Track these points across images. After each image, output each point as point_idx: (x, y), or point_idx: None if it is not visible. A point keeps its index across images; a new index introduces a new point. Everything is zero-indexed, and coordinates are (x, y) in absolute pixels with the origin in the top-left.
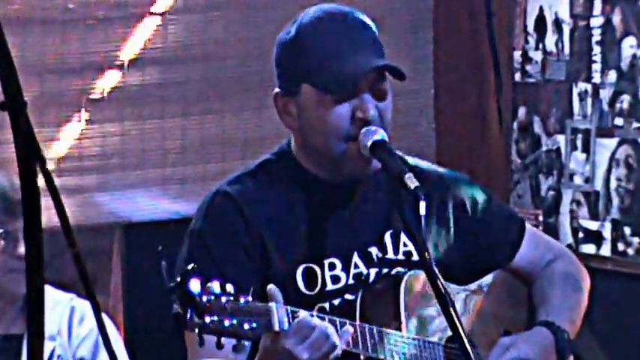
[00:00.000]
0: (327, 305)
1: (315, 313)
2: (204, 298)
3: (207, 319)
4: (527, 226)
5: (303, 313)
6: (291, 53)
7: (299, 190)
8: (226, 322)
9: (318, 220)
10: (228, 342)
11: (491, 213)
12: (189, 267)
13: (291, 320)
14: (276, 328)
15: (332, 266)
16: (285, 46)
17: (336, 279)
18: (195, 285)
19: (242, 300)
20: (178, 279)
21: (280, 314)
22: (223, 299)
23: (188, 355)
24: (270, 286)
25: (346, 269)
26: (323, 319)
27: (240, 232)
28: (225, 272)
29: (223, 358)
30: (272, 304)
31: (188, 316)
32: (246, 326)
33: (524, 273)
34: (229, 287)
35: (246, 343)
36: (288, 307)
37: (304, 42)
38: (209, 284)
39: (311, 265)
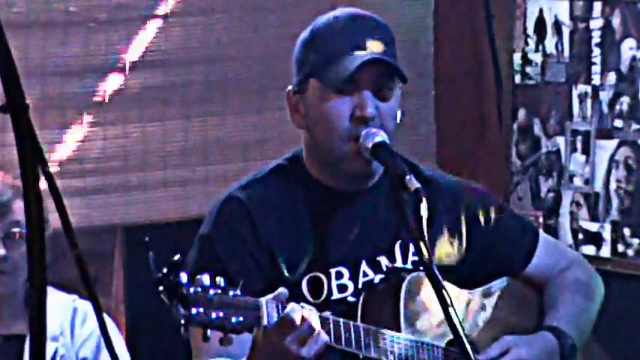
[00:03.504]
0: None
1: (304, 305)
2: (192, 290)
3: (194, 311)
4: (541, 233)
5: (290, 307)
6: (304, 51)
7: (308, 198)
8: (213, 315)
9: (326, 229)
10: (215, 335)
11: (504, 222)
12: (176, 258)
13: (280, 315)
14: (265, 322)
15: (339, 275)
16: (301, 44)
17: (342, 287)
18: (182, 277)
19: (230, 293)
20: (165, 270)
21: (270, 309)
22: (211, 292)
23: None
24: (281, 289)
25: (354, 278)
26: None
27: (249, 239)
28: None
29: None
30: (262, 299)
31: (174, 307)
32: (233, 319)
33: (537, 281)
34: (219, 280)
35: (234, 336)
36: (278, 302)
37: (317, 39)
38: (198, 277)
39: (317, 273)
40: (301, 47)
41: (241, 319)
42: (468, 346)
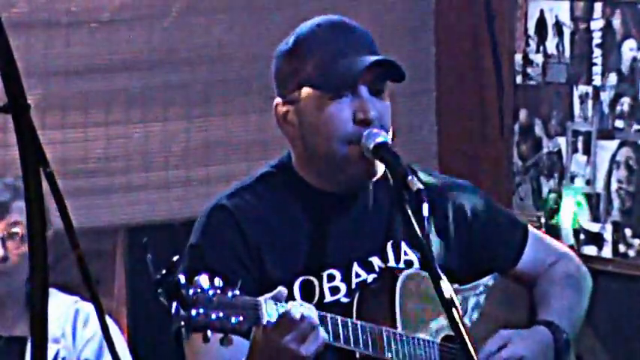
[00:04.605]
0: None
1: (302, 303)
2: (191, 291)
3: (194, 312)
4: (531, 229)
5: (289, 305)
6: (290, 61)
7: (298, 203)
8: (213, 316)
9: (316, 233)
10: (215, 336)
11: (493, 219)
12: (174, 259)
13: (279, 313)
14: (264, 321)
15: (331, 278)
16: (284, 55)
17: (335, 290)
18: (181, 278)
19: (229, 294)
20: (164, 271)
21: (269, 308)
22: (210, 292)
23: None
24: (280, 288)
25: (346, 280)
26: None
27: (238, 247)
28: None
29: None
30: (260, 298)
31: (174, 309)
32: (233, 319)
33: (528, 277)
34: (217, 281)
35: (234, 336)
36: (277, 302)
37: (304, 47)
38: (196, 277)
39: (308, 277)
40: (285, 58)
41: (241, 318)
42: (469, 343)
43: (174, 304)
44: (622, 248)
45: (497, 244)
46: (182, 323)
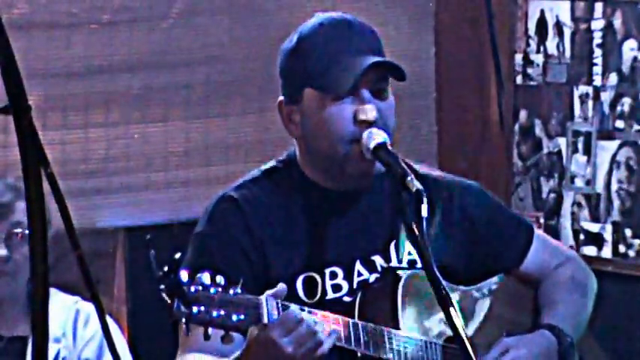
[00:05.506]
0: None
1: (306, 307)
2: (192, 288)
3: (195, 309)
4: (537, 231)
5: (292, 307)
6: (293, 60)
7: (302, 199)
8: (214, 313)
9: (320, 230)
10: (215, 333)
11: (498, 219)
12: (177, 256)
13: (280, 313)
14: (265, 320)
15: (333, 275)
16: (288, 54)
17: (337, 287)
18: (183, 275)
19: (231, 292)
20: (166, 269)
21: (270, 307)
22: (212, 290)
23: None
24: (281, 285)
25: (348, 278)
26: (314, 313)
27: (242, 238)
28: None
29: (210, 353)
30: (262, 297)
31: (175, 305)
32: (234, 317)
33: (532, 278)
34: (219, 279)
35: (235, 334)
36: (279, 301)
37: (306, 48)
38: (198, 275)
39: (311, 273)
40: (288, 57)
41: (242, 317)
42: (468, 345)
43: (176, 301)
44: (622, 248)
45: (501, 243)
46: (183, 320)
